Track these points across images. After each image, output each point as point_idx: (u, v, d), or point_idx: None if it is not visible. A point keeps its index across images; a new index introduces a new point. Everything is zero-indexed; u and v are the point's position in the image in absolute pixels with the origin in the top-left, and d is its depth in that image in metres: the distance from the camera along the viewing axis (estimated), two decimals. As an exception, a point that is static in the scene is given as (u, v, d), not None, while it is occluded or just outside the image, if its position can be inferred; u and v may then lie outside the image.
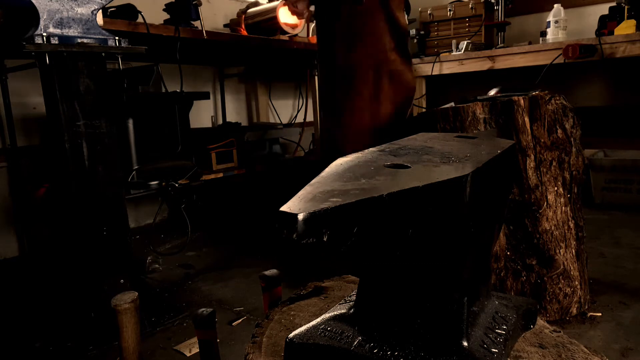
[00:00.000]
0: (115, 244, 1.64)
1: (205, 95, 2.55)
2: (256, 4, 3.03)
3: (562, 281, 1.50)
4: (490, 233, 0.67)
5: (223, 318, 1.70)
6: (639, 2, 2.65)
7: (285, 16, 2.75)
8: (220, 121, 3.34)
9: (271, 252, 2.34)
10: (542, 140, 1.48)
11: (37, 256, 2.41)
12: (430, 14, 3.53)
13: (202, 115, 3.24)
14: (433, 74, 3.37)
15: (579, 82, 3.43)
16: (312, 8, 1.75)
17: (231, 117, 3.38)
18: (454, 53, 3.27)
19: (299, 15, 1.76)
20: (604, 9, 2.93)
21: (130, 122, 2.11)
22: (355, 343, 0.60)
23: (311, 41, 2.75)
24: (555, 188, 1.50)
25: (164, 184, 2.15)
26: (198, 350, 1.12)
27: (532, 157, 1.48)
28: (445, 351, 0.57)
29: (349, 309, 0.66)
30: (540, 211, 1.48)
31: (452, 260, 0.55)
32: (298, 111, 3.64)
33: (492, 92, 1.85)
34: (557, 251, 1.49)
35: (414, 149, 0.65)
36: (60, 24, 1.47)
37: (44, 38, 1.43)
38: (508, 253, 1.50)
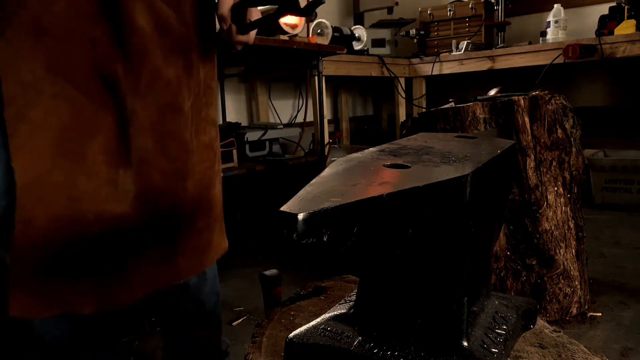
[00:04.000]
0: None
1: (205, 95, 2.53)
2: (256, 3, 3.01)
3: (562, 281, 1.50)
4: (490, 233, 0.67)
5: (223, 318, 1.69)
6: (639, 2, 2.65)
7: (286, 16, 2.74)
8: (220, 121, 3.33)
9: (271, 252, 2.34)
10: (542, 140, 1.48)
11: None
12: (430, 14, 3.53)
13: (202, 115, 3.22)
14: (433, 74, 3.37)
15: (579, 82, 3.43)
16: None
17: (231, 117, 3.37)
18: (454, 53, 3.28)
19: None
20: (604, 9, 2.93)
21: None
22: (355, 343, 0.60)
23: (311, 41, 2.75)
24: (555, 188, 1.50)
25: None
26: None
27: (532, 157, 1.48)
28: (445, 351, 0.57)
29: (349, 309, 0.66)
30: (540, 211, 1.48)
31: (452, 260, 0.55)
32: (298, 111, 3.63)
33: (492, 92, 1.85)
34: (557, 251, 1.49)
35: (414, 149, 0.65)
36: (60, 23, 1.47)
37: (44, 38, 1.43)
38: (508, 253, 1.50)
